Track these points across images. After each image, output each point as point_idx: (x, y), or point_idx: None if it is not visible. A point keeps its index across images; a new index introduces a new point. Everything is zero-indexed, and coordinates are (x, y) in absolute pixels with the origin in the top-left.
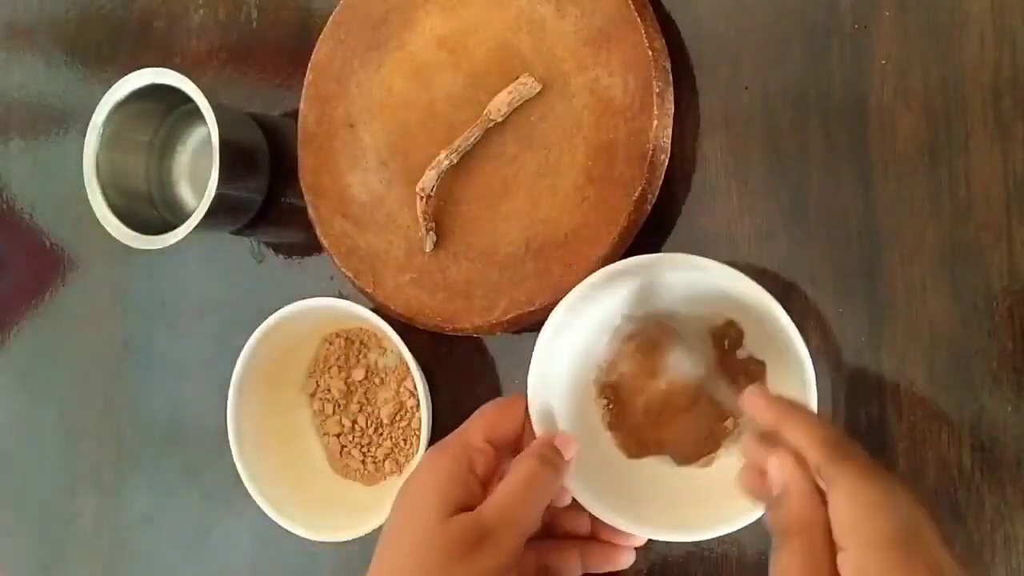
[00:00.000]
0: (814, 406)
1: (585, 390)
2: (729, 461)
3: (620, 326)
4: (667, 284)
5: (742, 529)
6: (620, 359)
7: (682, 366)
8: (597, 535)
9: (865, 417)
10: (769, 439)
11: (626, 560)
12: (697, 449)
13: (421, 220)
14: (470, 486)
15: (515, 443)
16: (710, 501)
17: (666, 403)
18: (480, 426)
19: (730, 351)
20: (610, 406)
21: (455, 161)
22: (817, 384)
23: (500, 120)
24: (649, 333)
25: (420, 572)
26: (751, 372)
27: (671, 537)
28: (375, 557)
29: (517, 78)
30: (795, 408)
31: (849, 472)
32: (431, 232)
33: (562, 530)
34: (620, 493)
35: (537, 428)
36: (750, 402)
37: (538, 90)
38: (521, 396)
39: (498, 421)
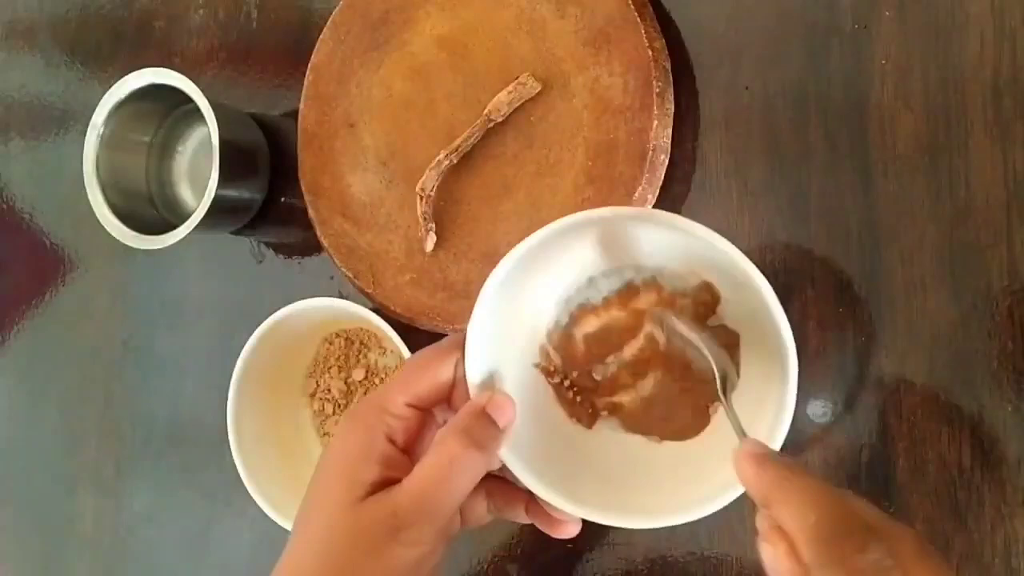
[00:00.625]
0: (793, 381)
1: (535, 352)
2: (704, 438)
3: (584, 286)
4: (639, 245)
5: (700, 520)
6: (581, 320)
7: (653, 329)
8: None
9: (865, 417)
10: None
11: (567, 532)
12: (663, 421)
13: (421, 220)
14: (388, 459)
15: (446, 398)
16: (671, 483)
17: (631, 368)
18: (399, 389)
19: (704, 316)
20: (564, 379)
21: (455, 161)
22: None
23: (500, 120)
24: (616, 295)
25: (326, 569)
26: (722, 343)
27: (615, 522)
28: (285, 548)
29: (517, 78)
30: (787, 481)
31: None
32: (431, 232)
33: (507, 474)
34: (562, 467)
35: (471, 389)
36: (739, 465)
37: (538, 90)
38: (451, 348)
39: (420, 381)
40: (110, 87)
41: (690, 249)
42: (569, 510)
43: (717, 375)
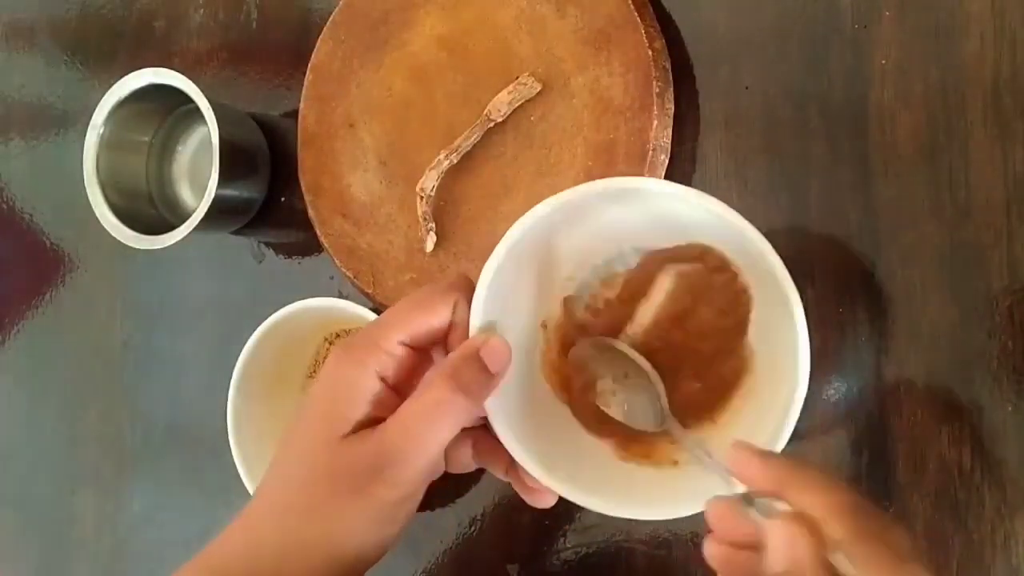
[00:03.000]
0: (805, 351)
1: (544, 311)
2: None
3: (615, 257)
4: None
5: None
6: (591, 303)
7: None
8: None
9: (865, 417)
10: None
11: (542, 501)
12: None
13: (421, 220)
14: (377, 397)
15: (442, 339)
16: (654, 482)
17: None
18: (395, 325)
19: (713, 272)
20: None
21: (455, 161)
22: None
23: (500, 120)
24: (632, 278)
25: (303, 506)
26: (736, 303)
27: (587, 503)
28: (260, 483)
29: (517, 78)
30: (801, 468)
31: (882, 559)
32: (431, 232)
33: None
34: (546, 438)
35: (472, 331)
36: (737, 462)
37: (538, 90)
38: (451, 288)
39: (417, 319)
40: (110, 87)
41: (690, 223)
42: (544, 482)
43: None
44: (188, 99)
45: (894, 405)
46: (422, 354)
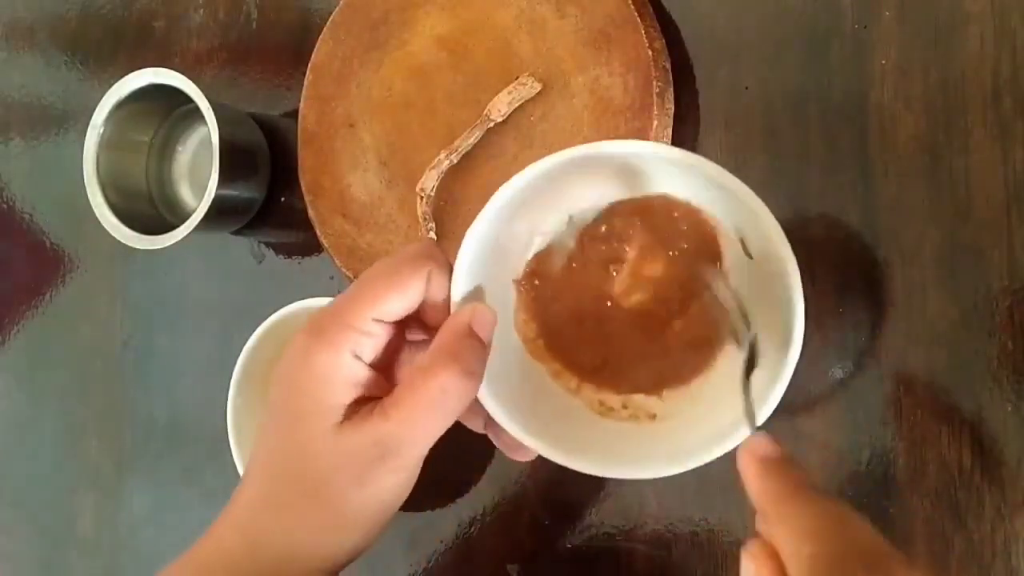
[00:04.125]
0: (800, 317)
1: (517, 269)
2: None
3: (577, 218)
4: (658, 183)
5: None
6: (566, 254)
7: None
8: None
9: (865, 417)
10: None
11: (522, 455)
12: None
13: (421, 220)
14: (360, 379)
15: (414, 311)
16: (642, 440)
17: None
18: (365, 301)
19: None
20: (539, 335)
21: (455, 161)
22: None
23: (500, 120)
24: (612, 227)
25: (308, 499)
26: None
27: (564, 460)
28: (242, 481)
29: (517, 78)
30: (790, 500)
31: None
32: (431, 232)
33: None
34: (523, 397)
35: (454, 306)
36: (744, 462)
37: (538, 90)
38: (419, 257)
39: (388, 294)
40: (110, 87)
41: (713, 198)
42: (523, 440)
43: (747, 330)
44: (188, 99)
45: (894, 405)
46: (396, 328)
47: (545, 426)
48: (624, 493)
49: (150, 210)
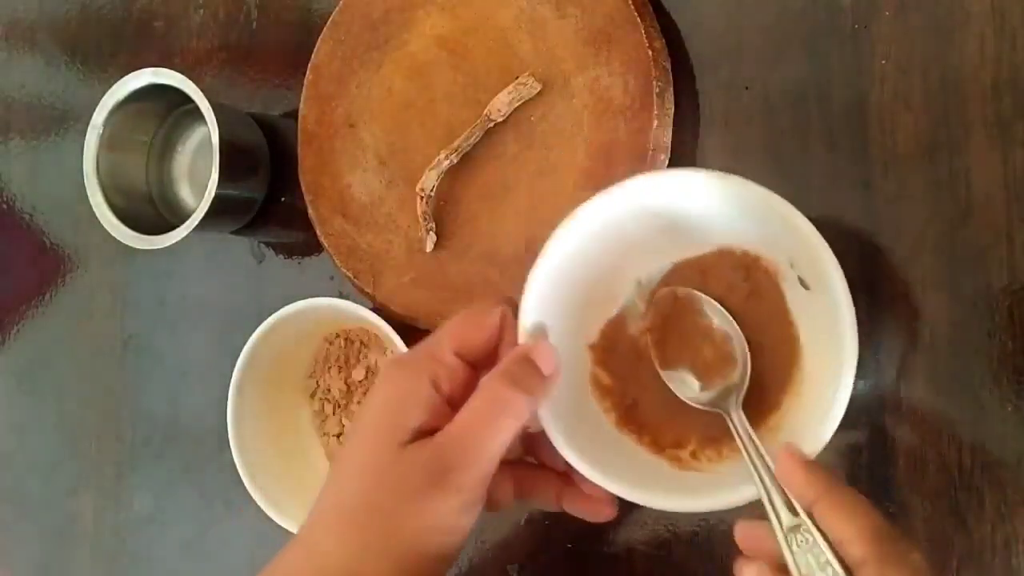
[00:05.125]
0: (854, 342)
1: (591, 333)
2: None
3: (644, 282)
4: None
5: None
6: (632, 317)
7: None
8: (570, 475)
9: (865, 418)
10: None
11: (605, 514)
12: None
13: (421, 220)
14: (433, 406)
15: (492, 357)
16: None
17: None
18: (449, 336)
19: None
20: (611, 402)
21: (455, 161)
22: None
23: (500, 120)
24: (674, 295)
25: (367, 512)
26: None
27: (650, 502)
28: (324, 487)
29: (517, 78)
30: (837, 488)
31: None
32: (431, 232)
33: (540, 458)
34: (598, 449)
35: (520, 336)
36: (783, 466)
37: (538, 90)
38: (499, 303)
39: (469, 331)
40: (110, 87)
41: (769, 235)
42: (607, 486)
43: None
44: (188, 99)
45: (894, 405)
46: (474, 371)
47: (624, 476)
48: None
49: (150, 210)
